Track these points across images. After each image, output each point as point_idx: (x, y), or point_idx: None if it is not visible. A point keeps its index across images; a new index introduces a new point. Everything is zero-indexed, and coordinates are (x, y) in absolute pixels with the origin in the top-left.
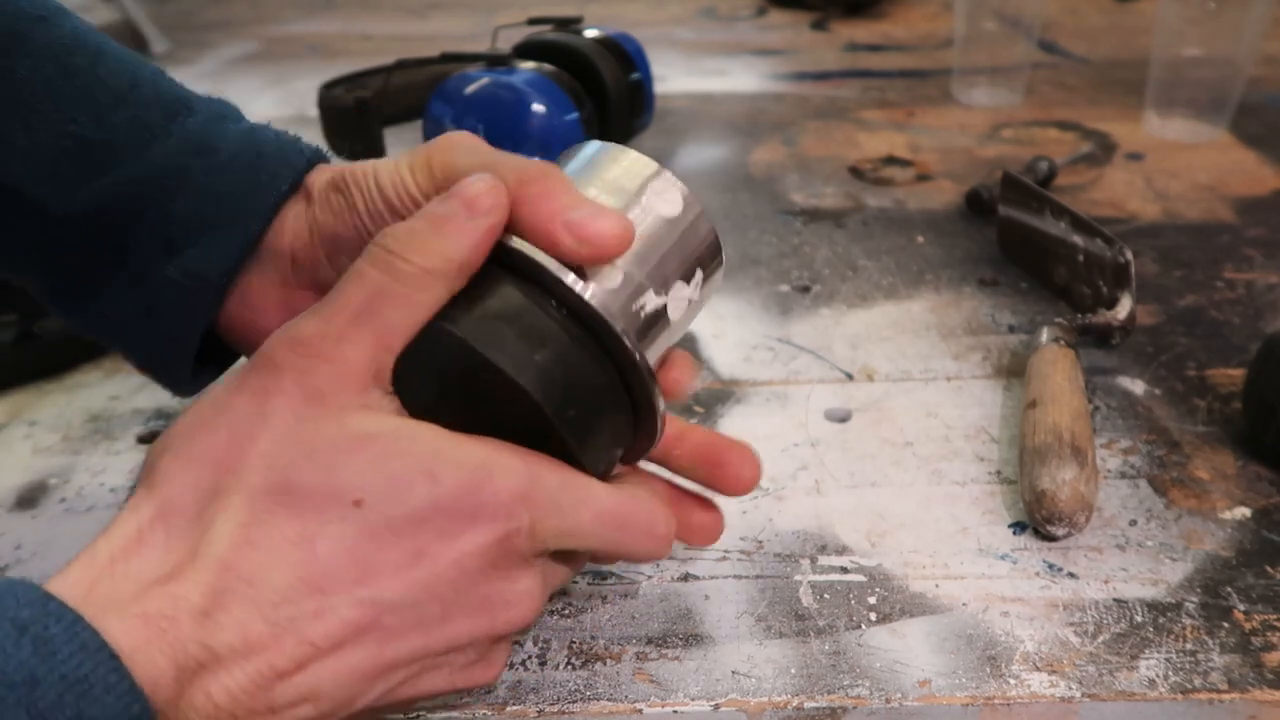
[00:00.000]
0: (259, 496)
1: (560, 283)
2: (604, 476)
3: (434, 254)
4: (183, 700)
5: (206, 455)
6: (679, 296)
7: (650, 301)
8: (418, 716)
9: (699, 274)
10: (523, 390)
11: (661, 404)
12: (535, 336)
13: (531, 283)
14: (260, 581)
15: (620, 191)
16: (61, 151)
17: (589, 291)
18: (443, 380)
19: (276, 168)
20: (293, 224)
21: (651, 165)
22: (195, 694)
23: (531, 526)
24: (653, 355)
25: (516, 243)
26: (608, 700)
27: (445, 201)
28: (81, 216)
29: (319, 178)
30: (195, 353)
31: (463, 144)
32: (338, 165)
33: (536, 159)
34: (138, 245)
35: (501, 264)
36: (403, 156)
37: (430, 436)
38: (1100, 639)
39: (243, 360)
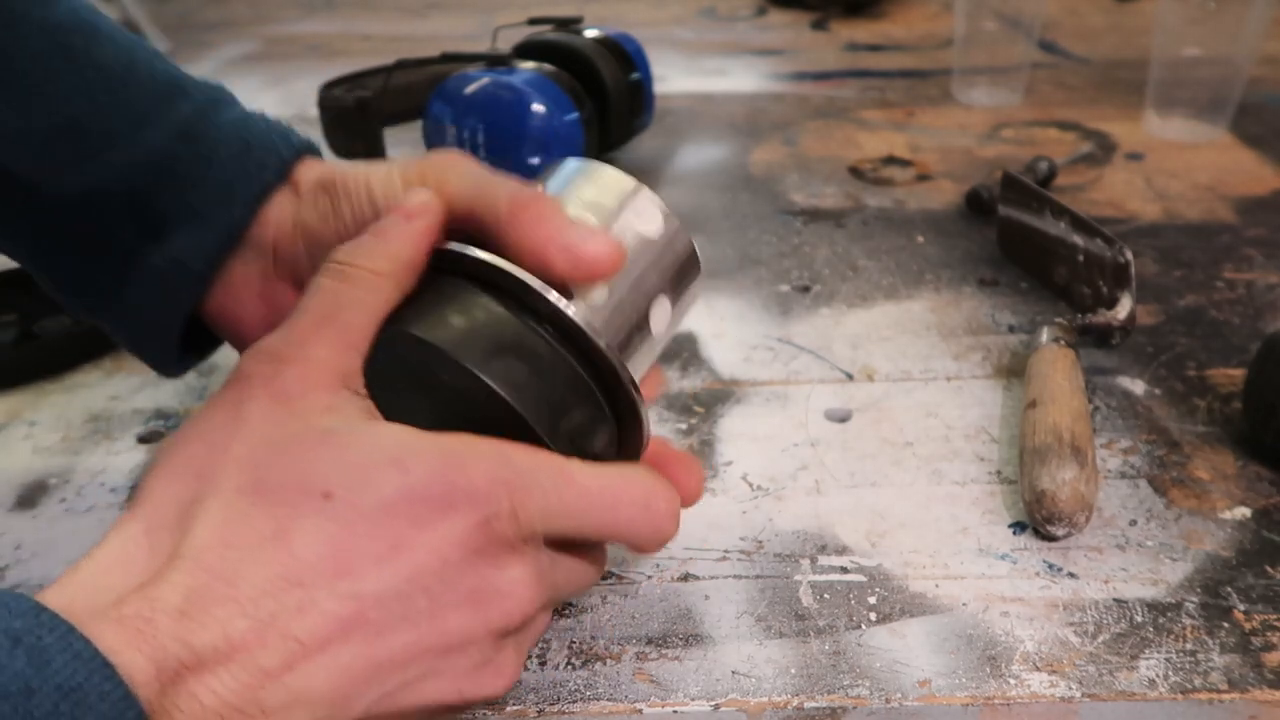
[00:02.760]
0: (233, 498)
1: (544, 299)
2: None
3: (378, 257)
4: (167, 701)
5: (186, 468)
6: (660, 309)
7: (631, 316)
8: None
9: (678, 287)
10: (512, 408)
11: (646, 413)
12: (521, 352)
13: (515, 301)
14: (238, 579)
15: (600, 209)
16: (55, 133)
17: (572, 308)
18: (427, 395)
19: (264, 158)
20: (277, 216)
21: (630, 182)
22: (180, 696)
23: (512, 510)
24: (635, 367)
25: (503, 264)
26: (608, 700)
27: (386, 216)
28: (71, 199)
29: (308, 174)
30: (179, 336)
31: (457, 165)
32: (328, 164)
33: (528, 184)
34: (125, 229)
35: (485, 283)
36: (395, 165)
37: (397, 430)
38: (1100, 639)
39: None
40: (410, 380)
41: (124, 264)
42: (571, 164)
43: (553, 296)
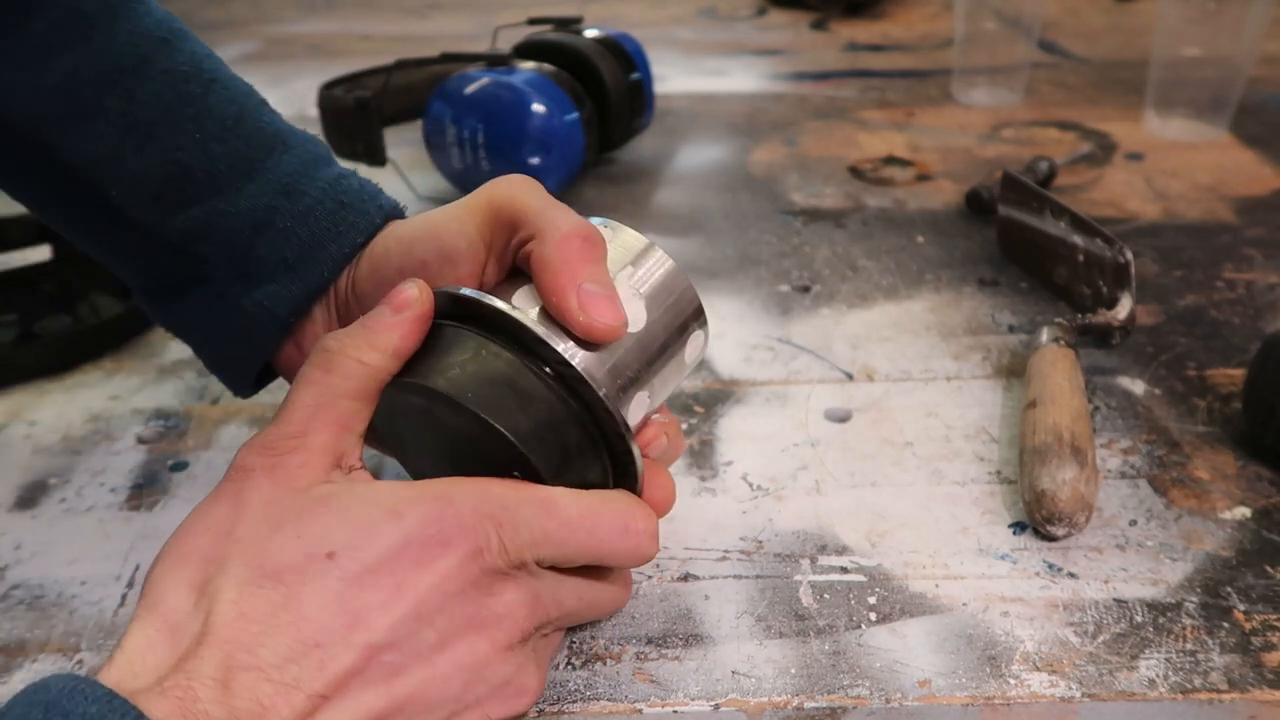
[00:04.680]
0: (242, 574)
1: (552, 350)
2: None
3: (365, 347)
4: None
5: (193, 556)
6: (663, 362)
7: (633, 367)
8: None
9: (682, 339)
10: (516, 447)
11: (640, 459)
12: (525, 397)
13: (521, 345)
14: (259, 648)
15: (614, 265)
16: (167, 177)
17: (576, 358)
18: (436, 441)
19: (355, 220)
20: (348, 273)
21: (642, 241)
22: None
23: (500, 542)
24: (633, 416)
25: (512, 311)
26: (608, 700)
27: (375, 308)
28: (174, 238)
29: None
30: (257, 373)
31: (525, 189)
32: (408, 222)
33: (590, 222)
34: (219, 272)
35: (489, 327)
36: (457, 203)
37: (387, 485)
38: (1100, 639)
39: None
40: (420, 424)
41: (216, 301)
42: (593, 220)
43: (561, 348)
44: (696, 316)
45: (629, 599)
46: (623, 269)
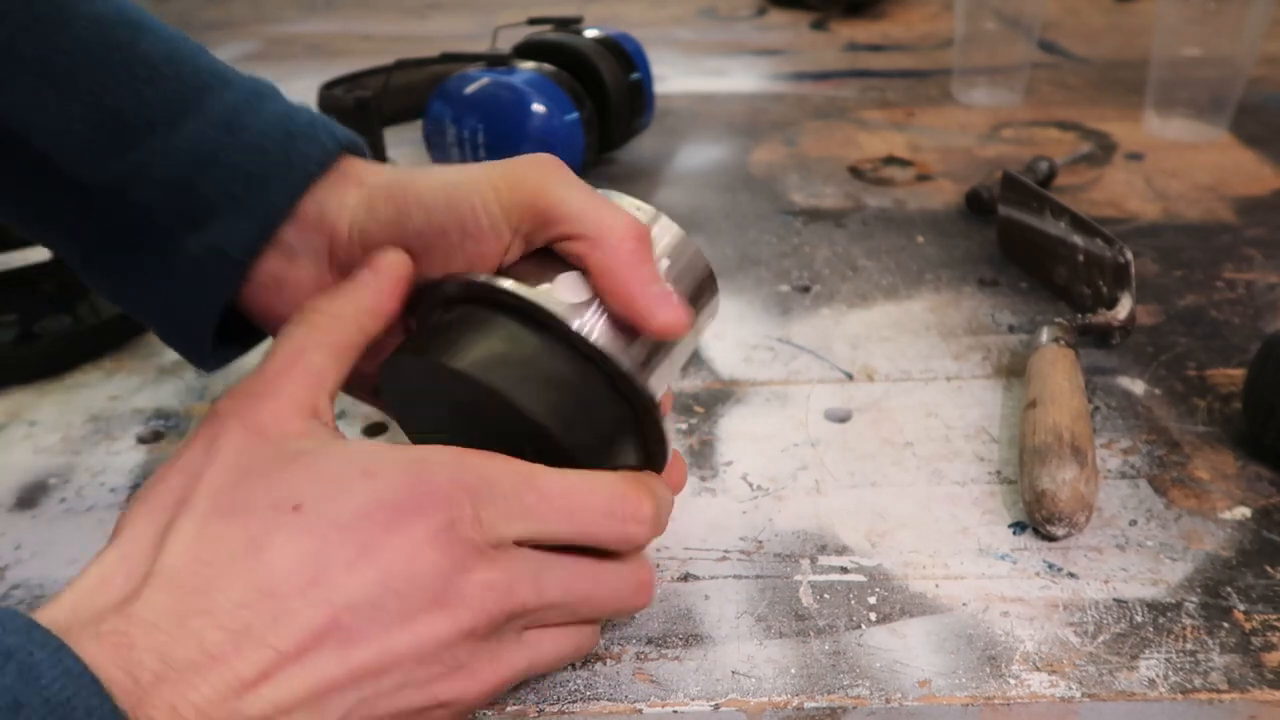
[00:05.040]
0: (206, 517)
1: (568, 328)
2: None
3: (344, 302)
4: (143, 713)
5: (162, 500)
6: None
7: (653, 340)
8: None
9: (697, 308)
10: (548, 429)
11: (670, 432)
12: (549, 376)
13: (542, 326)
14: (213, 592)
15: None
16: (95, 123)
17: (596, 335)
18: (458, 421)
19: (307, 149)
20: (334, 214)
21: (649, 210)
22: (157, 708)
23: (475, 513)
24: (657, 387)
25: (526, 291)
26: (608, 700)
27: (356, 271)
28: (110, 187)
29: (374, 177)
30: (214, 328)
31: (555, 173)
32: (403, 171)
33: (635, 217)
34: (163, 218)
35: (508, 309)
36: (484, 175)
37: (364, 444)
38: (1100, 639)
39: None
40: (439, 404)
41: (162, 253)
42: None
43: (577, 325)
44: (710, 284)
45: (648, 601)
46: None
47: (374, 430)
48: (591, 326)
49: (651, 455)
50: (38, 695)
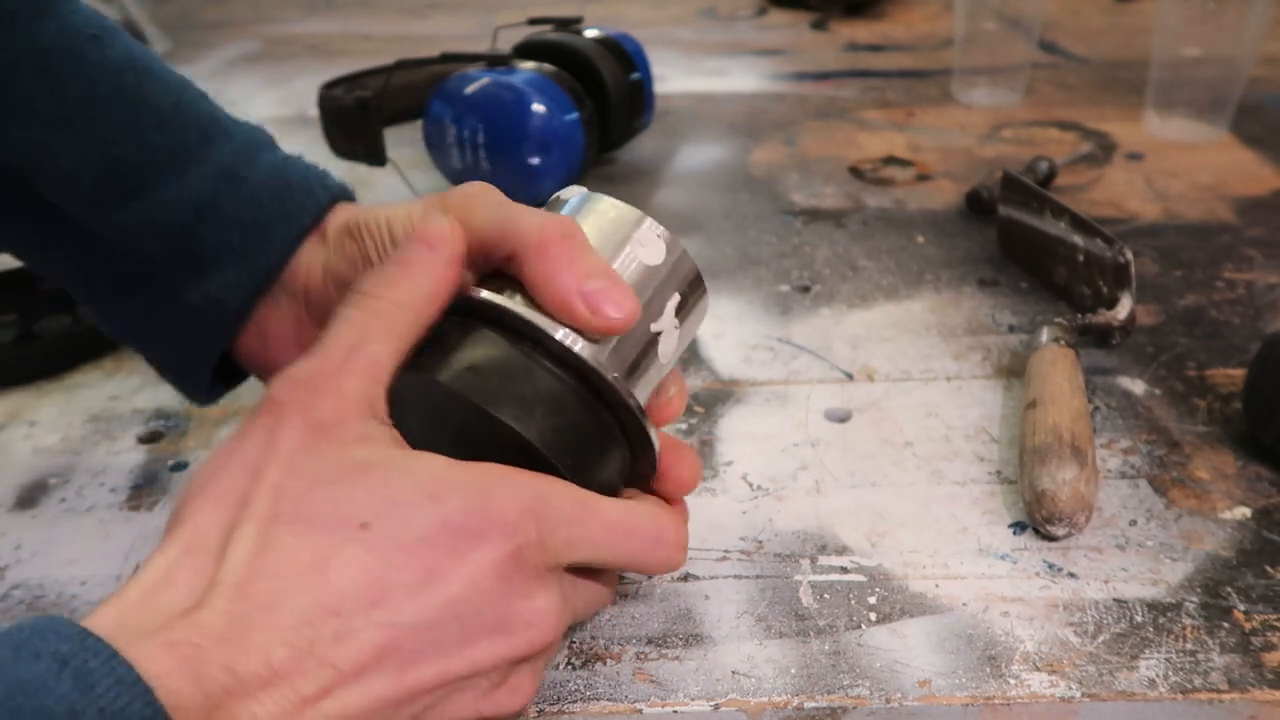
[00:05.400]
0: (269, 525)
1: (555, 341)
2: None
3: (403, 288)
4: None
5: (226, 493)
6: (666, 334)
7: (640, 344)
8: None
9: (684, 310)
10: (529, 444)
11: (656, 437)
12: (533, 390)
13: (522, 337)
14: (279, 607)
15: (607, 242)
16: (103, 170)
17: (580, 345)
18: (448, 432)
19: (302, 200)
20: (308, 261)
21: (635, 213)
22: None
23: (540, 539)
24: (643, 392)
25: (509, 303)
26: (608, 700)
27: (408, 243)
28: (116, 235)
29: (336, 219)
30: (212, 370)
31: (479, 196)
32: (353, 207)
33: (558, 215)
34: (165, 266)
35: (490, 320)
36: (417, 204)
37: (429, 462)
38: (1100, 639)
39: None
40: (433, 417)
41: (164, 299)
42: (577, 196)
43: (559, 335)
44: (698, 285)
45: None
46: (618, 247)
47: None
48: (575, 337)
49: (639, 460)
50: (93, 705)
